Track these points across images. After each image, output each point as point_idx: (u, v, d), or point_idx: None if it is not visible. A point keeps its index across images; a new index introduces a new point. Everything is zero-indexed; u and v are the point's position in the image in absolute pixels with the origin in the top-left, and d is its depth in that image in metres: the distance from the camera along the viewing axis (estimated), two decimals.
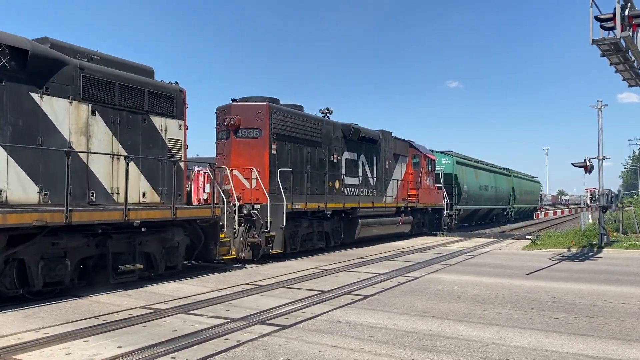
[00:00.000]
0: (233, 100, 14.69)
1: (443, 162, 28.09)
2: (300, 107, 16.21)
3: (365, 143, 18.81)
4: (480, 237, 23.72)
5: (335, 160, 17.03)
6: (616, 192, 18.57)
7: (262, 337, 6.21)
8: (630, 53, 12.99)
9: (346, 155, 17.74)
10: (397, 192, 21.22)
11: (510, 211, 41.11)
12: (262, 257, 13.41)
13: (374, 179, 19.47)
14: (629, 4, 11.44)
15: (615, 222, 23.99)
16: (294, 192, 14.62)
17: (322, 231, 16.23)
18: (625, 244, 17.97)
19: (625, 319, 7.30)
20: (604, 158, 18.24)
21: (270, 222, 13.25)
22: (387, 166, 20.58)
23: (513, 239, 22.92)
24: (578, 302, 8.50)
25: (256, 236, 13.10)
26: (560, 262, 14.23)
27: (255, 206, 13.32)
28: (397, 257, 15.06)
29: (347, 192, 17.59)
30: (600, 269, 12.60)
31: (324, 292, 9.23)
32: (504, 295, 9.10)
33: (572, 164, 18.18)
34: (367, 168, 19.03)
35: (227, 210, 12.32)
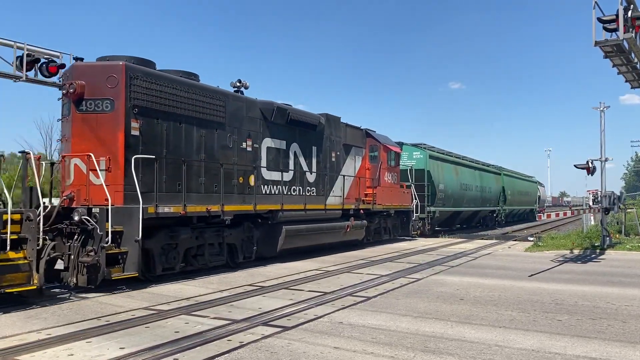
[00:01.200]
0: (77, 59, 10.26)
1: (414, 156, 24.52)
2: (194, 76, 12.22)
3: (299, 129, 14.98)
4: (482, 239, 23.70)
5: (249, 149, 13.01)
6: (618, 194, 18.50)
7: (265, 338, 6.21)
8: (633, 55, 12.98)
9: (268, 142, 13.78)
10: (348, 191, 17.33)
11: (500, 213, 36.84)
12: (113, 282, 9.46)
13: (314, 174, 15.60)
14: (632, 5, 11.43)
15: (617, 223, 23.95)
16: (170, 190, 10.71)
17: (223, 243, 12.20)
18: (627, 246, 17.92)
19: (628, 320, 7.28)
20: (606, 160, 18.21)
21: (120, 232, 9.45)
22: (333, 159, 16.70)
23: (515, 240, 22.90)
24: (581, 304, 8.48)
25: (91, 254, 8.96)
26: (562, 263, 14.20)
27: (93, 210, 9.21)
28: (399, 258, 15.04)
29: (269, 191, 13.68)
30: (603, 271, 12.57)
31: (326, 293, 9.22)
32: (507, 297, 9.08)
33: (575, 165, 18.16)
34: (302, 160, 15.16)
35: (28, 218, 8.20)
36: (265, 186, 13.61)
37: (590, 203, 19.33)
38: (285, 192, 14.20)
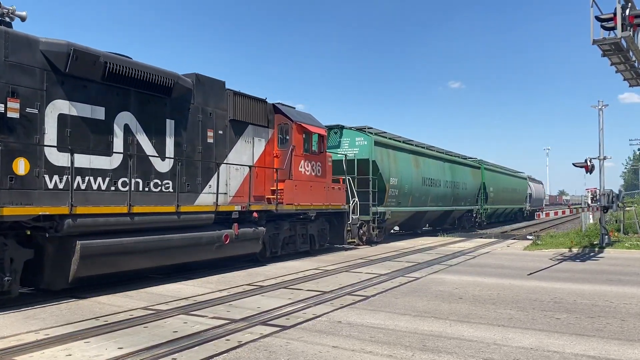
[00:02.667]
0: None
1: (357, 142, 19.42)
2: None
3: (136, 92, 10.21)
4: (481, 238, 23.73)
5: (14, 115, 8.22)
6: (617, 192, 18.52)
7: (263, 337, 6.20)
8: (631, 53, 12.99)
9: (63, 107, 8.97)
10: (239, 187, 12.75)
11: (481, 213, 31.84)
12: None
13: (169, 161, 10.82)
14: (630, 3, 11.43)
15: (616, 222, 23.96)
16: None
17: None
18: (626, 244, 17.93)
19: (627, 319, 7.29)
20: (605, 158, 18.22)
21: None
22: (209, 139, 11.99)
23: (514, 239, 22.91)
24: (579, 302, 8.48)
25: None
26: (561, 262, 14.20)
27: None
28: (398, 257, 15.04)
29: (59, 184, 8.77)
30: (602, 269, 12.57)
31: (324, 292, 9.22)
32: (506, 295, 9.08)
33: (573, 164, 18.18)
34: (143, 139, 10.35)
35: None
36: (52, 177, 8.66)
37: (589, 201, 19.35)
38: (102, 187, 9.46)
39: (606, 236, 18.27)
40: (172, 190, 10.79)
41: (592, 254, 16.21)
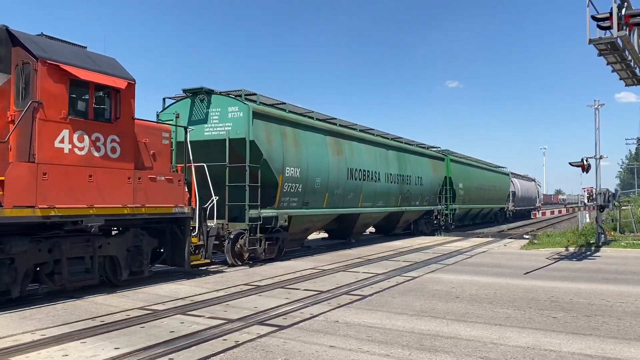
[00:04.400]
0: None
1: (230, 114, 13.13)
2: None
3: None
4: (478, 237, 23.76)
5: None
6: (613, 192, 18.58)
7: (260, 337, 6.19)
8: (627, 52, 13.03)
9: None
10: None
11: (446, 215, 26.47)
12: None
13: None
14: (626, 3, 11.46)
15: (612, 221, 24.05)
16: None
17: None
18: (622, 243, 17.99)
19: (623, 318, 7.30)
20: (601, 157, 18.30)
21: None
22: None
23: (511, 238, 22.97)
24: (576, 301, 8.50)
25: None
26: (558, 261, 14.23)
27: None
28: (395, 257, 15.05)
29: None
30: (598, 268, 12.60)
31: (322, 292, 9.21)
32: (502, 294, 9.10)
33: (570, 163, 18.23)
34: None
35: None
36: None
37: (586, 201, 19.41)
38: None
39: (602, 235, 18.33)
40: None
41: (588, 253, 16.25)
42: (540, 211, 20.87)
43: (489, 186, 34.07)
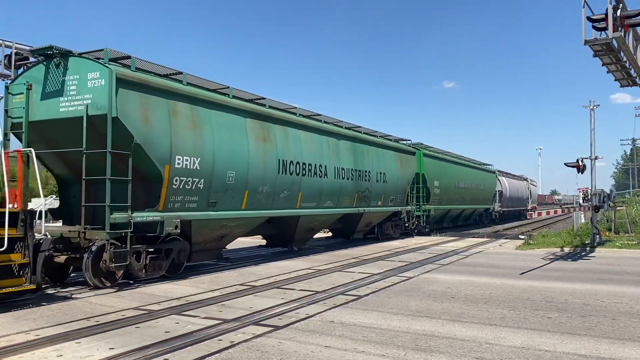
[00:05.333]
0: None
1: (89, 82, 9.90)
2: None
3: None
4: (473, 237, 23.80)
5: None
6: (608, 192, 18.66)
7: (256, 337, 6.18)
8: (622, 53, 13.08)
9: None
10: None
11: (418, 216, 23.46)
12: None
13: None
14: (621, 4, 11.51)
15: (607, 221, 24.14)
16: None
17: None
18: (617, 244, 18.06)
19: (617, 318, 7.33)
20: (596, 158, 18.35)
21: None
22: None
23: (506, 238, 23.01)
24: (571, 301, 8.53)
25: None
26: (553, 261, 14.28)
27: None
28: (391, 257, 15.06)
29: None
30: (593, 269, 12.65)
31: (317, 292, 9.21)
32: (498, 295, 9.11)
33: (565, 164, 18.29)
34: None
35: None
36: None
37: (581, 201, 19.47)
38: None
39: (597, 235, 18.40)
40: None
41: (583, 253, 16.31)
42: (536, 212, 20.89)
43: (471, 185, 30.91)
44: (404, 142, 23.17)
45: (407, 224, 22.74)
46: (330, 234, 22.12)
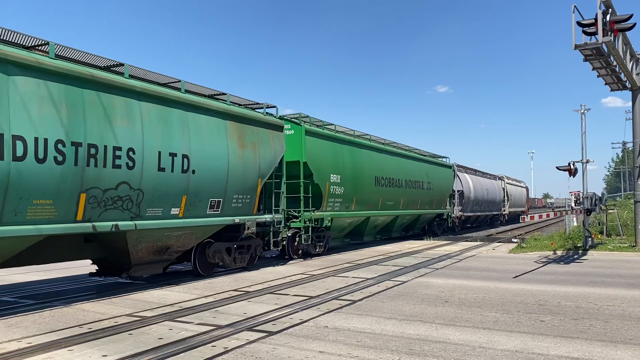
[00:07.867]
0: None
1: None
2: None
3: None
4: (467, 241, 23.87)
5: None
6: (600, 195, 18.76)
7: (249, 343, 6.17)
8: (612, 58, 13.20)
9: None
10: None
11: (303, 229, 15.43)
12: None
13: None
14: (611, 9, 11.63)
15: (599, 224, 24.28)
16: None
17: None
18: (609, 247, 18.16)
19: (610, 320, 7.37)
20: (587, 161, 18.45)
21: None
22: None
23: (499, 242, 23.10)
24: (564, 304, 8.57)
25: None
26: (546, 265, 14.34)
27: None
28: (385, 261, 15.07)
29: None
30: (585, 272, 12.71)
31: (311, 297, 9.20)
32: (491, 298, 9.14)
33: (557, 167, 18.39)
34: None
35: None
36: None
37: (573, 204, 19.57)
38: None
39: (589, 239, 18.50)
40: None
41: (576, 256, 16.39)
42: (529, 215, 21.00)
43: (408, 182, 22.73)
44: (261, 109, 13.87)
45: (278, 245, 14.48)
46: None
